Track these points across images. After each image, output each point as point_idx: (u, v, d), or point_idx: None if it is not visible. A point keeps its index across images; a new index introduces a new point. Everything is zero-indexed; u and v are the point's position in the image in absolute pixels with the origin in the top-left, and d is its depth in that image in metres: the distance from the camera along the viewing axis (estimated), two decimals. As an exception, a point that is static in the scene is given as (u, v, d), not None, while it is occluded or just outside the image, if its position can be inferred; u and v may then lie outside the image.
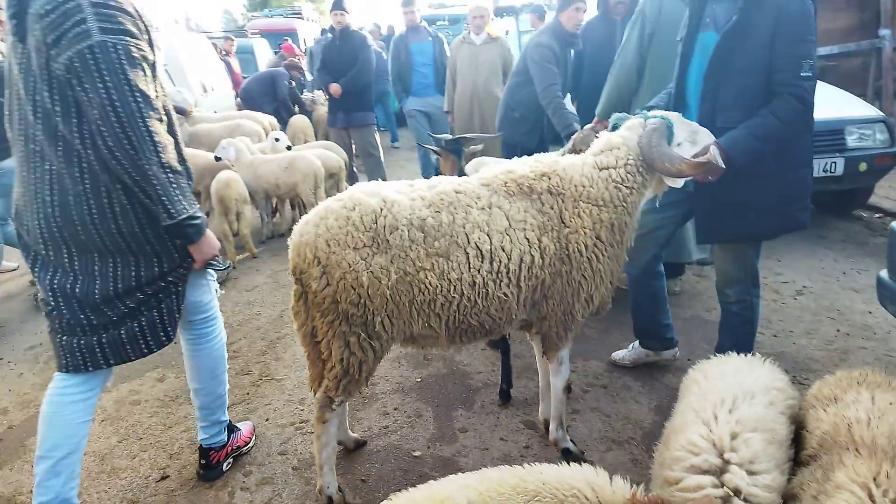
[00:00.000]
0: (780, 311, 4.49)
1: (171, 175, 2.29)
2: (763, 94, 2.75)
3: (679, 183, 2.74)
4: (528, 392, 3.51)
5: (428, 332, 2.63)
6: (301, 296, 2.59)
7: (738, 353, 3.22)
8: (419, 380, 3.71)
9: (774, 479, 1.69)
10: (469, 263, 2.52)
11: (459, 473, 1.85)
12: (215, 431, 2.92)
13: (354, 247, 2.44)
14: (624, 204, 2.71)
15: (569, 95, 5.72)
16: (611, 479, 1.71)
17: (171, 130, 2.45)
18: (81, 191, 2.28)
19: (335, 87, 7.48)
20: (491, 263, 2.54)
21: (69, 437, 2.44)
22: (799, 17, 2.66)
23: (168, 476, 2.98)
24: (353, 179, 8.18)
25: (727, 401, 1.91)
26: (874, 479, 1.55)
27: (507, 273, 2.56)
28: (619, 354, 3.81)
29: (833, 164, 5.77)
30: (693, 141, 2.76)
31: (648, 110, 2.99)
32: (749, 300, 3.17)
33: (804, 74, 2.68)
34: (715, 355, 3.29)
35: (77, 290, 2.36)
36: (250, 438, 3.13)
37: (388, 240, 2.46)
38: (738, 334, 3.23)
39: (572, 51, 5.45)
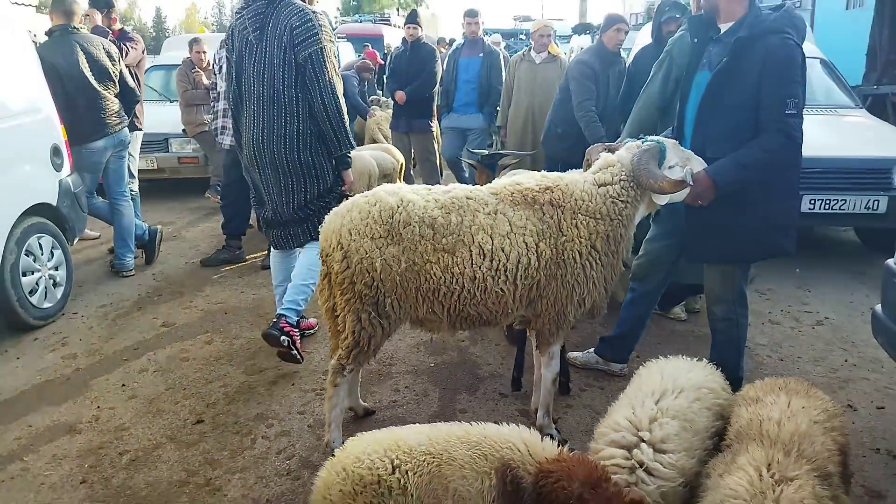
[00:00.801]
0: (793, 339, 4.65)
1: (343, 124, 3.86)
2: (751, 129, 3.02)
3: (663, 200, 3.04)
4: (530, 386, 3.83)
5: (432, 317, 3.01)
6: (326, 276, 3.03)
7: (726, 369, 3.50)
8: (432, 365, 4.08)
9: (679, 459, 2.00)
10: (471, 260, 2.88)
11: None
12: (292, 308, 3.89)
13: (372, 237, 2.85)
14: (619, 217, 3.03)
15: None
16: (542, 439, 2.05)
17: None
18: (294, 131, 3.80)
19: (400, 95, 7.97)
20: (491, 261, 2.89)
21: (285, 276, 4.21)
22: (784, 60, 2.93)
23: (203, 421, 3.45)
24: (409, 182, 8.65)
25: (656, 392, 2.23)
26: (768, 465, 1.84)
27: (505, 271, 2.90)
28: (574, 354, 4.10)
29: (876, 202, 5.85)
30: (684, 166, 3.06)
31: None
32: (734, 319, 3.41)
33: (789, 112, 2.94)
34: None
35: (287, 198, 3.91)
36: (315, 325, 4.55)
37: (401, 233, 2.85)
38: (722, 351, 3.47)
39: (618, 72, 5.72)
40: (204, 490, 2.92)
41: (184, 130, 8.49)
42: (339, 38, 18.86)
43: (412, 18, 8.14)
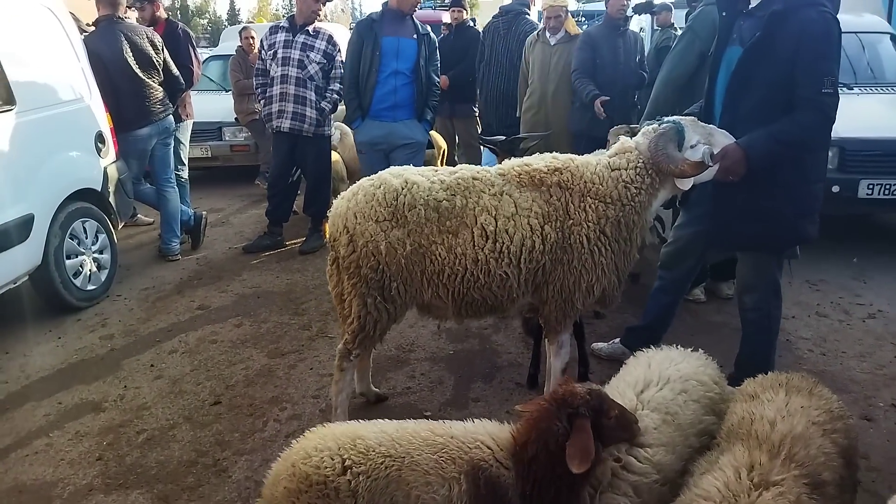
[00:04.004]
0: (840, 332, 4.37)
1: None
2: (783, 108, 2.82)
3: (687, 184, 2.88)
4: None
5: (437, 303, 2.95)
6: (334, 260, 3.01)
7: (755, 363, 3.32)
8: (451, 352, 4.03)
9: (656, 453, 1.87)
10: (474, 242, 2.80)
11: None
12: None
13: (376, 220, 2.81)
14: (632, 203, 2.89)
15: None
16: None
17: None
18: None
19: (443, 79, 7.88)
20: (494, 243, 2.81)
21: None
22: (821, 35, 2.71)
23: (220, 402, 3.51)
24: (452, 165, 8.58)
25: (640, 382, 2.09)
26: (750, 467, 1.70)
27: (509, 254, 2.82)
28: (598, 345, 3.96)
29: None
30: (709, 142, 2.89)
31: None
32: (766, 309, 3.21)
33: (825, 91, 2.73)
34: (735, 365, 3.42)
35: None
36: None
37: (406, 216, 2.80)
38: (753, 343, 3.29)
39: (632, 38, 5.95)
40: (211, 470, 2.96)
41: (236, 119, 8.68)
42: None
43: (457, 1, 8.04)
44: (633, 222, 2.92)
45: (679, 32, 8.42)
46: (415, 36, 5.23)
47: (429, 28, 5.40)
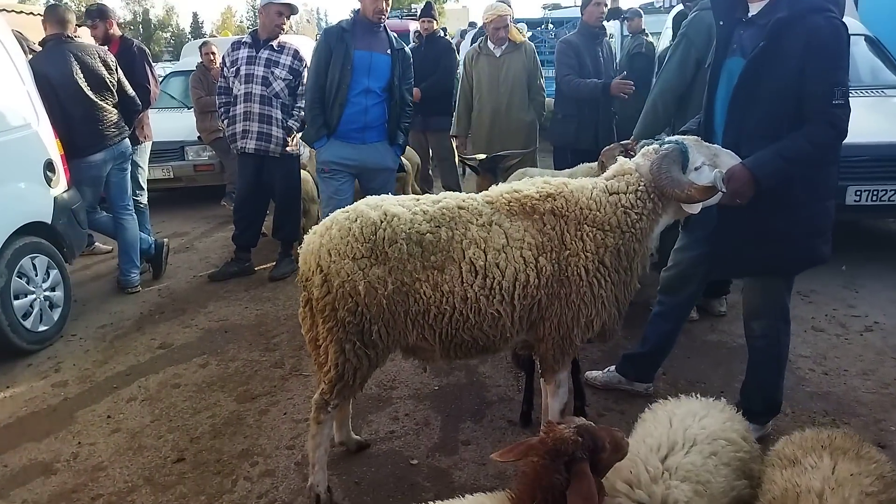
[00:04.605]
0: (839, 348, 4.20)
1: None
2: (791, 122, 2.61)
3: (695, 209, 2.65)
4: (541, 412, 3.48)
5: (423, 345, 2.68)
6: (307, 302, 2.72)
7: (764, 393, 3.10)
8: (437, 388, 3.75)
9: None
10: (462, 278, 2.54)
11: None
12: None
13: (353, 257, 2.53)
14: (632, 230, 2.65)
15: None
16: None
17: None
18: None
19: (415, 92, 7.64)
20: (484, 279, 2.55)
21: None
22: (830, 43, 2.51)
23: (184, 459, 3.18)
24: (427, 183, 8.32)
25: (663, 446, 1.84)
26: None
27: (501, 290, 2.56)
28: (592, 374, 3.71)
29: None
30: (714, 164, 2.67)
31: (682, 134, 2.93)
32: (775, 336, 3.00)
33: (836, 102, 2.53)
34: (741, 393, 3.20)
35: None
36: None
37: (386, 252, 2.53)
38: (761, 371, 3.08)
39: (607, 47, 5.77)
40: (175, 542, 2.65)
41: (199, 138, 8.33)
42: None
43: (427, 11, 7.81)
44: (634, 251, 2.68)
45: (650, 39, 8.36)
46: (389, 51, 4.73)
47: (404, 44, 5.07)
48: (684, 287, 3.33)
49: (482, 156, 4.82)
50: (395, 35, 4.87)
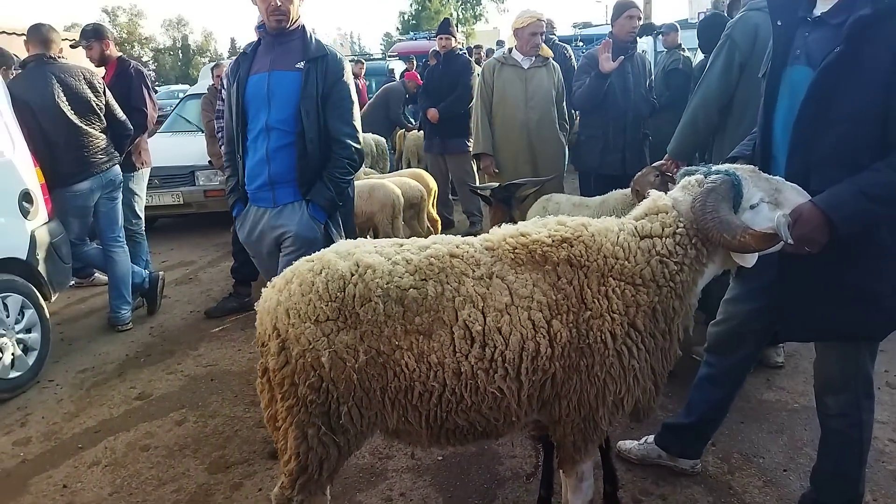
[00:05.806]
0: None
1: None
2: (874, 149, 2.01)
3: (748, 261, 2.06)
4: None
5: (408, 428, 2.14)
6: (264, 372, 2.20)
7: (840, 483, 2.48)
8: (440, 458, 3.18)
9: None
10: (454, 346, 2.00)
11: None
12: None
13: (316, 319, 2.01)
14: (671, 284, 2.08)
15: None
16: None
17: None
18: None
19: (432, 113, 7.22)
20: (483, 349, 2.00)
21: None
22: None
23: (135, 549, 2.68)
24: (447, 209, 7.81)
25: None
26: None
27: (504, 362, 2.01)
28: (626, 445, 3.10)
29: None
30: (775, 201, 2.08)
31: (732, 161, 2.36)
32: (856, 416, 2.36)
33: None
34: (811, 480, 2.59)
35: None
36: None
37: (357, 313, 2.00)
38: (837, 457, 2.44)
39: (640, 62, 5.13)
40: None
41: (210, 162, 7.96)
42: (391, 56, 18.30)
43: (444, 28, 7.39)
44: (673, 309, 2.11)
45: (686, 53, 7.76)
46: (300, 65, 3.15)
47: (339, 46, 4.32)
48: (738, 347, 2.70)
49: (495, 184, 4.26)
50: (318, 40, 3.25)
